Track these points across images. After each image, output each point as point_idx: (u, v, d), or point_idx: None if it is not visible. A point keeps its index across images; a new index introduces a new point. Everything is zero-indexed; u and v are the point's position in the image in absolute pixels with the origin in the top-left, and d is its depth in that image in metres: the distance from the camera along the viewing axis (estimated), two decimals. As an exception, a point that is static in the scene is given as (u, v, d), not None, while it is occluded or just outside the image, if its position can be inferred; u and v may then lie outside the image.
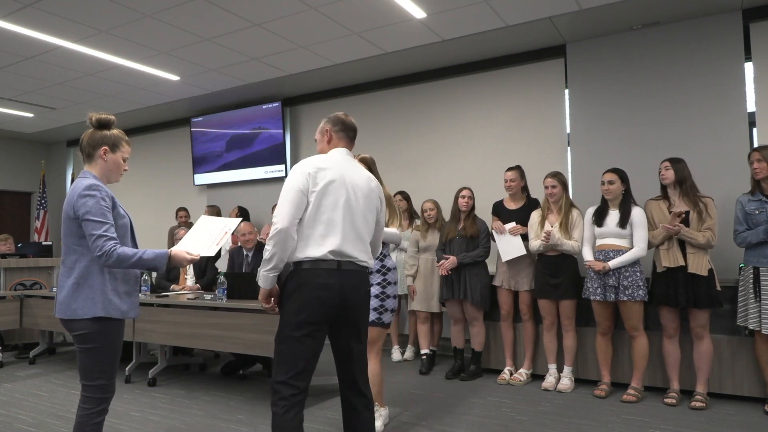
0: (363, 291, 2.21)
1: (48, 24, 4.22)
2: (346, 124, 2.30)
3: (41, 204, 8.47)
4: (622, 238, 3.65)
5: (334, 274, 2.09)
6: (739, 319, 3.39)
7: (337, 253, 2.10)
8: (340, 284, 2.10)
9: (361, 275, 2.19)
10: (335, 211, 2.12)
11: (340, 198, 2.13)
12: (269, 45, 4.73)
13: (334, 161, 2.20)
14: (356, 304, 2.17)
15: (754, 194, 3.38)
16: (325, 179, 2.13)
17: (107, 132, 2.18)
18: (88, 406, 2.05)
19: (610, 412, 3.39)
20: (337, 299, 2.10)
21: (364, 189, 2.23)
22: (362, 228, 2.19)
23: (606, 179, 3.74)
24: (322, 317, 2.09)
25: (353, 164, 2.27)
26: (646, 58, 4.46)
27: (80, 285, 2.05)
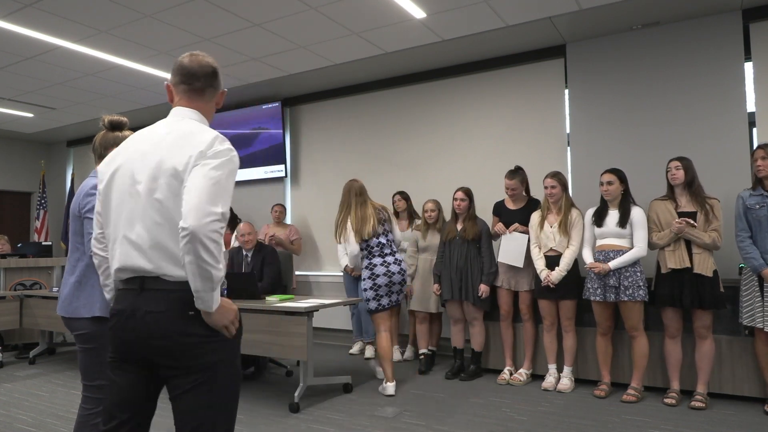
0: (173, 316, 1.46)
1: (48, 24, 4.22)
2: (184, 69, 1.65)
3: (41, 204, 8.46)
4: (622, 238, 3.64)
5: (129, 297, 1.50)
6: (745, 318, 3.36)
7: (125, 269, 1.50)
8: (132, 310, 1.48)
9: (167, 296, 1.46)
10: (117, 210, 1.53)
11: (123, 191, 1.52)
12: (269, 45, 4.73)
13: (135, 136, 1.62)
14: (160, 339, 1.46)
15: (756, 190, 3.38)
16: (110, 170, 1.57)
17: (119, 134, 2.24)
18: (89, 406, 2.06)
19: (610, 412, 3.39)
20: (130, 332, 1.48)
21: (157, 159, 1.48)
22: (157, 224, 1.46)
23: (605, 180, 3.73)
24: (118, 353, 1.54)
25: (168, 129, 1.57)
26: (646, 58, 4.46)
27: (82, 284, 2.06)
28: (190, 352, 1.46)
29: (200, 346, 1.47)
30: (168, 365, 1.48)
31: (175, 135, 1.54)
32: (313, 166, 6.34)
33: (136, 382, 1.53)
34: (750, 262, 3.30)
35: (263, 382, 4.29)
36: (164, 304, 1.46)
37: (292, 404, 3.51)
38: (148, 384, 1.55)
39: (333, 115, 6.20)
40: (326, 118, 6.25)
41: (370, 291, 3.87)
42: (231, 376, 1.54)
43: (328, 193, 5.98)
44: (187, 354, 1.46)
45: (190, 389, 1.48)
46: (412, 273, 4.66)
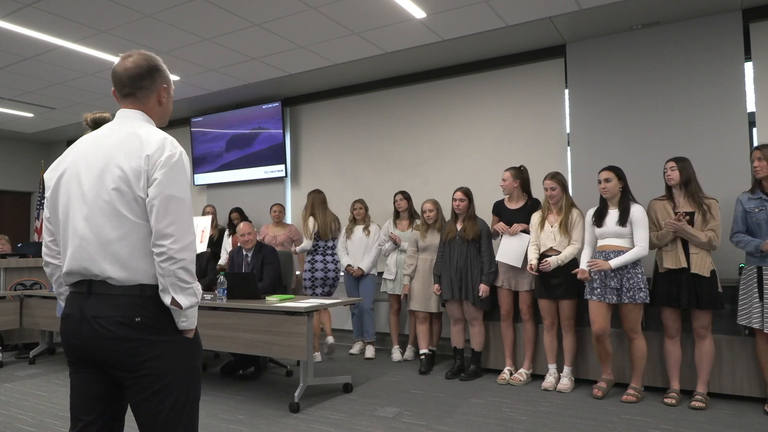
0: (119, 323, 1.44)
1: (48, 24, 4.22)
2: (113, 75, 1.60)
3: (41, 204, 8.46)
4: (622, 238, 3.60)
5: (77, 300, 1.50)
6: (742, 318, 3.38)
7: (73, 272, 1.49)
8: (80, 315, 1.47)
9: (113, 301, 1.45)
10: (63, 215, 1.52)
11: (69, 195, 1.51)
12: (269, 45, 4.73)
13: (80, 141, 1.59)
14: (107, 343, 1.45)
15: (755, 192, 3.38)
16: (56, 175, 1.55)
17: None
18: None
19: (610, 412, 3.39)
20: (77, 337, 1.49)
21: (102, 162, 1.47)
22: (103, 226, 1.45)
23: (602, 177, 3.69)
24: (72, 355, 1.54)
25: (111, 132, 1.55)
26: (646, 58, 4.46)
27: None
28: (138, 358, 1.45)
29: (147, 352, 1.46)
30: (118, 370, 1.48)
31: (118, 136, 1.52)
32: (313, 166, 6.34)
33: (93, 384, 1.52)
34: (749, 246, 3.29)
35: (263, 382, 4.29)
36: (111, 309, 1.44)
37: (292, 404, 3.51)
38: (106, 385, 1.53)
39: (333, 115, 6.20)
40: (326, 118, 6.25)
41: (308, 281, 5.08)
42: (185, 380, 1.53)
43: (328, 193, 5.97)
44: (134, 360, 1.45)
45: (142, 395, 1.48)
46: (411, 273, 4.66)
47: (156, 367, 1.47)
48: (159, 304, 1.49)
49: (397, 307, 5.09)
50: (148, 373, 1.46)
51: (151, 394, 1.47)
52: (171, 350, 1.50)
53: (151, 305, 1.48)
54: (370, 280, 5.16)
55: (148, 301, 1.47)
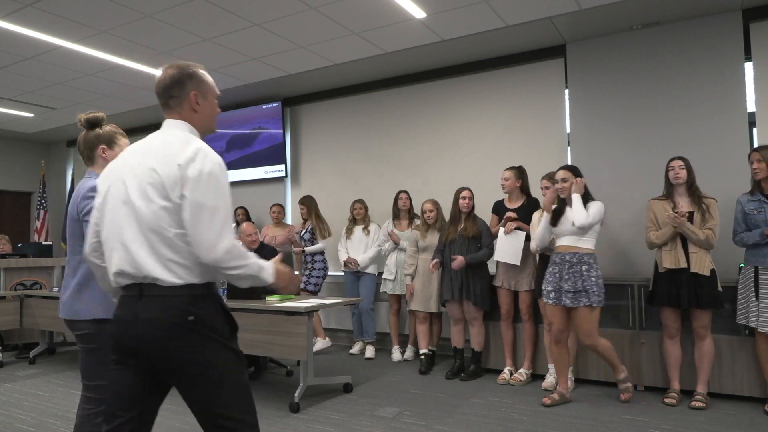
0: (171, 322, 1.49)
1: (48, 24, 4.22)
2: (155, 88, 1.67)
3: (41, 204, 8.46)
4: (577, 235, 3.49)
5: (129, 303, 1.54)
6: (740, 317, 3.40)
7: (123, 274, 1.53)
8: (133, 317, 1.51)
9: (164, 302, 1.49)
10: (112, 219, 1.57)
11: (117, 201, 1.56)
12: (269, 45, 4.73)
13: (129, 149, 1.67)
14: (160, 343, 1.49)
15: (754, 194, 3.39)
16: (107, 183, 1.62)
17: (100, 130, 2.18)
18: (89, 406, 2.06)
19: (610, 412, 3.39)
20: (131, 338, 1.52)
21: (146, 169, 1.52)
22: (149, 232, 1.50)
23: (560, 177, 3.55)
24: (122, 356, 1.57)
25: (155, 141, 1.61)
26: (646, 58, 4.46)
27: (83, 286, 2.06)
28: (188, 356, 1.50)
29: (197, 351, 1.50)
30: (168, 369, 1.52)
31: (159, 144, 1.58)
32: (313, 166, 6.34)
33: (137, 382, 1.56)
34: (753, 237, 3.29)
35: (263, 382, 4.29)
36: (163, 310, 1.48)
37: (292, 404, 3.51)
38: (149, 384, 1.57)
39: (333, 115, 6.20)
40: (326, 118, 6.25)
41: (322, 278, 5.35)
42: (232, 375, 1.57)
43: (328, 193, 5.99)
44: (184, 358, 1.50)
45: (196, 390, 1.52)
46: (411, 273, 4.66)
47: (207, 362, 1.51)
48: (209, 302, 1.54)
49: (396, 307, 5.09)
50: (197, 370, 1.51)
51: (205, 388, 1.52)
52: (216, 348, 1.53)
53: (202, 303, 1.52)
54: (370, 280, 5.16)
55: (197, 299, 1.51)
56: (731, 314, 3.51)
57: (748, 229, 3.37)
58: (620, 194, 4.45)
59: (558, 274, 3.49)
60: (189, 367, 1.50)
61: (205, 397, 1.53)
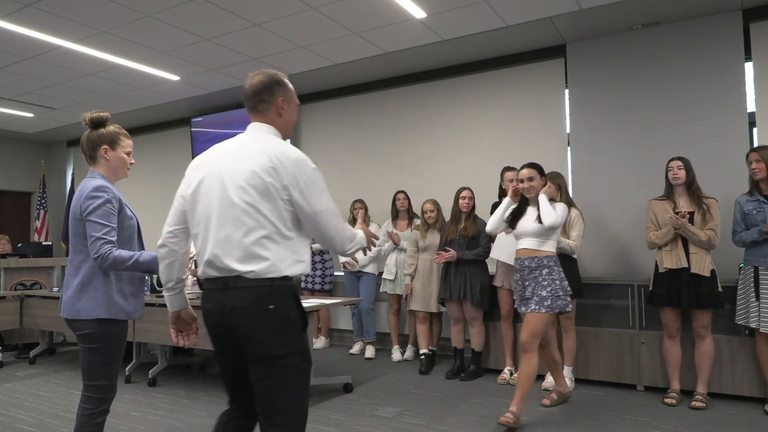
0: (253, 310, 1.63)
1: (48, 24, 4.22)
2: (244, 92, 1.80)
3: (41, 204, 8.46)
4: (540, 239, 3.20)
5: (216, 295, 1.68)
6: (739, 317, 3.40)
7: (213, 266, 1.66)
8: (221, 308, 1.66)
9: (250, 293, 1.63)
10: (205, 214, 1.69)
11: (212, 200, 1.68)
12: (269, 45, 4.73)
13: (218, 148, 1.78)
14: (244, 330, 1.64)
15: (753, 194, 3.39)
16: (198, 177, 1.74)
17: (103, 130, 2.17)
18: (90, 407, 2.05)
19: (610, 412, 3.39)
20: (220, 327, 1.70)
21: (241, 171, 1.65)
22: (246, 226, 1.62)
23: (524, 176, 3.25)
24: (217, 346, 1.77)
25: (246, 143, 1.73)
26: (646, 58, 4.46)
27: (85, 286, 2.05)
28: (268, 342, 1.63)
29: (275, 338, 1.63)
30: (250, 353, 1.64)
31: (254, 147, 1.69)
32: (313, 166, 6.33)
33: (235, 369, 1.73)
34: (752, 235, 3.29)
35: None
36: (247, 300, 1.62)
37: (292, 404, 3.50)
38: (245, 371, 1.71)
39: (333, 115, 6.20)
40: (326, 118, 6.25)
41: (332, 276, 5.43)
42: (301, 365, 1.69)
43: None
44: (264, 344, 1.62)
45: (266, 376, 1.64)
46: (411, 273, 4.66)
47: (280, 351, 1.63)
48: (288, 294, 1.67)
49: (396, 307, 5.09)
50: (273, 356, 1.63)
51: (273, 375, 1.64)
52: (291, 338, 1.66)
53: (282, 295, 1.65)
54: (369, 280, 5.17)
55: (277, 291, 1.64)
56: (731, 314, 3.51)
57: (747, 229, 3.37)
58: (620, 194, 4.45)
59: (521, 282, 3.25)
60: (264, 352, 1.62)
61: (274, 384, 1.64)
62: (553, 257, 3.21)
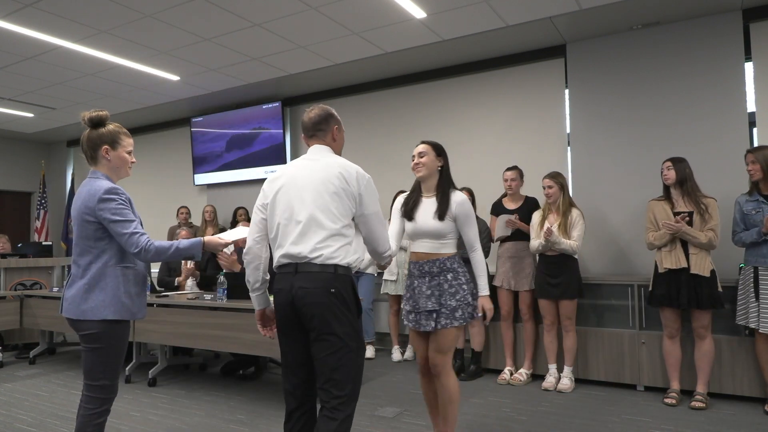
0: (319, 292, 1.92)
1: (48, 24, 4.22)
2: (303, 125, 2.22)
3: (41, 204, 8.47)
4: (439, 240, 2.57)
5: (287, 277, 1.98)
6: (739, 318, 3.40)
7: (288, 255, 1.99)
8: (289, 287, 1.96)
9: (317, 276, 1.94)
10: (286, 212, 2.01)
11: (292, 199, 2.02)
12: (269, 45, 4.73)
13: (292, 164, 2.15)
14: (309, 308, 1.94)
15: (752, 195, 3.39)
16: (276, 187, 2.07)
17: (103, 129, 2.15)
18: (91, 406, 2.06)
19: (610, 412, 3.39)
20: (288, 305, 1.98)
21: (318, 177, 2.02)
22: (319, 221, 1.97)
23: (416, 152, 2.67)
24: (283, 323, 2.05)
25: (315, 159, 2.11)
26: (646, 58, 4.46)
27: (92, 287, 2.05)
28: (331, 321, 1.91)
29: (337, 318, 1.92)
30: (314, 328, 1.93)
31: (325, 162, 2.08)
32: (313, 166, 6.33)
33: (299, 349, 2.02)
34: (752, 236, 3.29)
35: (263, 382, 4.29)
36: (312, 282, 1.92)
37: (292, 404, 3.50)
38: (307, 351, 2.00)
39: (333, 115, 6.19)
40: (326, 118, 6.24)
41: None
42: (359, 345, 2.00)
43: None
44: (328, 322, 1.91)
45: (326, 351, 1.92)
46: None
47: (340, 330, 1.93)
48: (348, 281, 1.99)
49: (396, 307, 5.08)
50: (334, 334, 1.92)
51: (333, 351, 1.92)
52: (349, 320, 1.97)
53: (342, 281, 1.96)
54: (369, 280, 5.16)
55: (339, 278, 1.95)
56: (731, 314, 3.51)
57: (746, 230, 3.37)
58: (620, 194, 4.45)
59: (416, 290, 2.59)
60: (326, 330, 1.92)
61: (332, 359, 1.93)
62: (454, 257, 2.58)
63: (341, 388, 1.91)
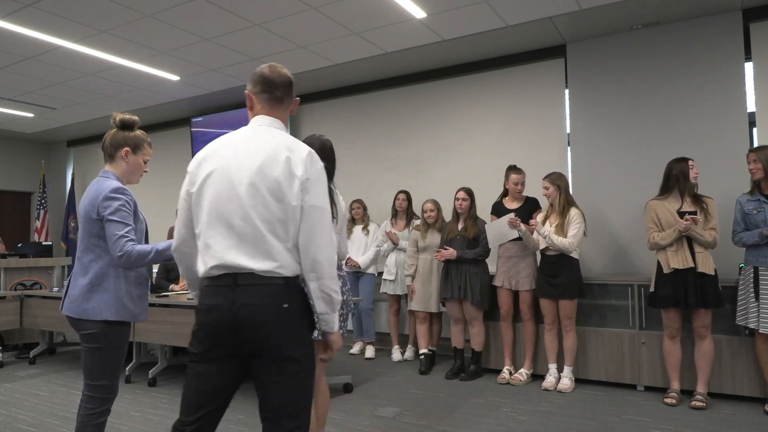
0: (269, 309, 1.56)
1: (48, 24, 4.22)
2: (266, 79, 1.73)
3: (41, 204, 8.47)
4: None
5: (224, 292, 1.57)
6: (739, 318, 3.40)
7: (220, 266, 1.58)
8: (230, 304, 1.55)
9: (264, 290, 1.56)
10: (216, 208, 1.61)
11: (223, 193, 1.61)
12: (269, 45, 4.73)
13: (225, 142, 1.73)
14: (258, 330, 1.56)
15: (753, 194, 3.39)
16: (204, 173, 1.66)
17: (130, 133, 2.21)
18: (92, 406, 2.06)
19: (610, 412, 3.40)
20: (227, 326, 1.57)
21: (256, 166, 1.61)
22: (256, 224, 1.57)
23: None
24: (211, 347, 1.61)
25: (258, 137, 1.69)
26: (646, 58, 4.46)
27: (95, 286, 2.06)
28: (286, 342, 1.58)
29: (292, 338, 1.58)
30: (263, 353, 1.58)
31: (268, 142, 1.66)
32: (313, 166, 6.33)
33: (225, 373, 1.62)
34: (753, 238, 3.29)
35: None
36: (258, 297, 1.55)
37: (292, 404, 3.50)
38: (232, 377, 1.64)
39: (333, 115, 6.20)
40: (326, 118, 6.25)
41: None
42: (313, 365, 1.66)
43: (328, 193, 5.97)
44: (281, 344, 1.57)
45: (276, 377, 1.58)
46: (412, 273, 4.66)
47: (292, 353, 1.59)
48: (300, 292, 1.62)
49: (396, 307, 5.09)
50: (285, 357, 1.58)
51: (289, 378, 1.59)
52: (306, 340, 1.63)
53: (293, 293, 1.60)
54: (369, 280, 5.16)
55: (292, 289, 1.60)
56: (731, 314, 3.51)
57: (747, 229, 3.38)
58: (620, 194, 4.45)
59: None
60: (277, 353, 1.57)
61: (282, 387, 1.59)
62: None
63: (295, 418, 1.60)
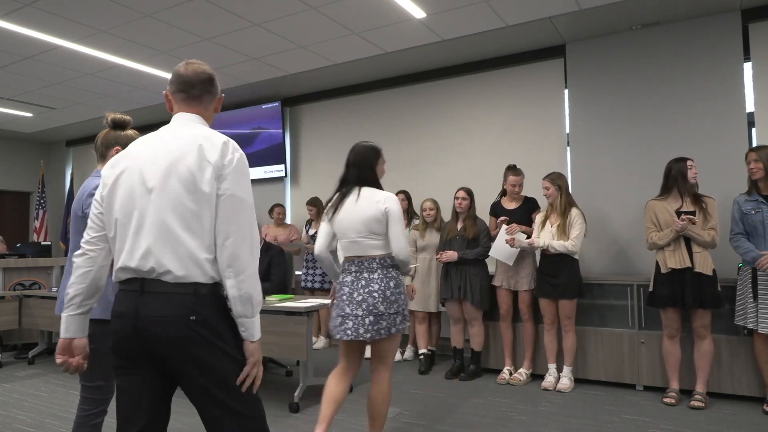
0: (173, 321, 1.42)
1: (47, 24, 4.22)
2: (180, 78, 1.61)
3: (40, 204, 8.46)
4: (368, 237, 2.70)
5: (130, 298, 1.47)
6: (738, 318, 3.41)
7: (128, 269, 1.47)
8: (135, 312, 1.44)
9: (171, 299, 1.43)
10: (126, 207, 1.50)
11: (134, 189, 1.50)
12: (269, 45, 4.73)
13: (139, 142, 1.60)
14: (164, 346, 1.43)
15: (751, 194, 3.39)
16: (116, 174, 1.54)
17: (122, 133, 2.21)
18: (88, 407, 2.06)
19: (610, 412, 3.40)
20: (132, 337, 1.45)
21: (169, 159, 1.48)
22: (168, 221, 1.45)
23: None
24: (125, 356, 1.50)
25: (174, 132, 1.56)
26: (646, 58, 4.46)
27: None
28: (202, 361, 1.45)
29: (208, 354, 1.45)
30: (176, 372, 1.47)
31: (183, 137, 1.54)
32: (312, 166, 6.34)
33: (149, 383, 1.50)
34: (748, 255, 3.31)
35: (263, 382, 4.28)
36: (164, 308, 1.43)
37: (292, 404, 3.50)
38: (160, 386, 1.52)
39: (333, 115, 6.20)
40: (326, 118, 6.25)
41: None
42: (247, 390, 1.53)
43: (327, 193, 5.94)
44: (195, 363, 1.44)
45: (200, 392, 1.47)
46: (412, 273, 4.65)
47: (213, 365, 1.45)
48: (213, 302, 1.48)
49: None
50: (205, 370, 1.45)
51: (208, 389, 1.46)
52: (231, 349, 1.49)
53: (206, 303, 1.46)
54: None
55: (202, 299, 1.46)
56: (731, 314, 3.51)
57: (745, 230, 3.37)
58: (620, 194, 4.45)
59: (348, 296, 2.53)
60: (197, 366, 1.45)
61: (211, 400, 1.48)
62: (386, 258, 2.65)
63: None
